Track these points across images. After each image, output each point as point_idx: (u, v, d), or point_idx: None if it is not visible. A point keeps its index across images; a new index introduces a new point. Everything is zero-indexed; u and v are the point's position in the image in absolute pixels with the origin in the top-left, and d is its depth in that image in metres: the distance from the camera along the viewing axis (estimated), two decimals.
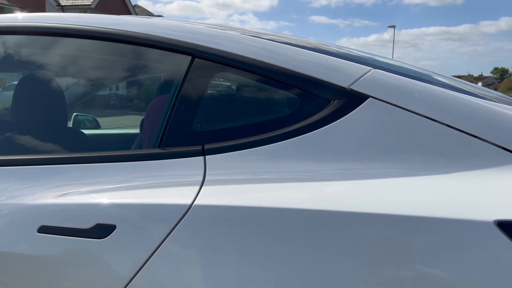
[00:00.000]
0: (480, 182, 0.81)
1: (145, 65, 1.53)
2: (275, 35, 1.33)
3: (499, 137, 0.84)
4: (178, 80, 1.09)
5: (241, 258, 0.85)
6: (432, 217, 0.77)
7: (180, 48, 1.09)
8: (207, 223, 0.88)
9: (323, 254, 0.81)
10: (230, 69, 1.05)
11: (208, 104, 1.10)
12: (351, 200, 0.83)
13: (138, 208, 0.93)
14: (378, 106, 0.91)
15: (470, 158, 0.84)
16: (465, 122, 0.87)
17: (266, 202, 0.86)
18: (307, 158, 0.91)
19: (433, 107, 0.89)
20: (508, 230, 0.72)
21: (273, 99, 1.08)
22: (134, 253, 0.91)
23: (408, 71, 1.23)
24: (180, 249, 0.89)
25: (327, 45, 1.39)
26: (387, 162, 0.87)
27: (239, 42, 1.09)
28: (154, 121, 1.16)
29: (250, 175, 0.92)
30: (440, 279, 0.75)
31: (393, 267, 0.77)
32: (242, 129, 1.01)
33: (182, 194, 0.91)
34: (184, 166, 0.97)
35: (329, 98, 0.95)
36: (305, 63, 1.01)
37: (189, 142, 1.02)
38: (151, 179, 0.97)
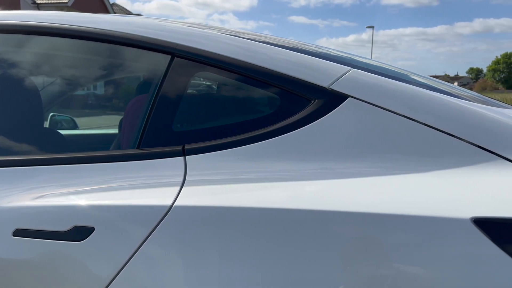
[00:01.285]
0: (457, 180, 0.82)
1: (123, 64, 1.51)
2: (255, 34, 1.33)
3: (475, 136, 0.86)
4: (157, 80, 1.07)
5: (222, 259, 0.85)
6: (410, 215, 0.78)
7: (159, 47, 1.08)
8: (187, 224, 0.87)
9: (305, 253, 0.81)
10: (210, 69, 1.04)
11: (188, 104, 1.09)
12: (330, 199, 0.83)
13: (117, 210, 0.92)
14: (358, 106, 0.92)
15: (447, 157, 0.85)
16: (442, 121, 0.88)
17: (247, 202, 0.86)
18: (287, 157, 0.91)
19: (411, 107, 0.90)
20: (485, 227, 0.74)
21: (253, 99, 1.08)
22: (113, 256, 0.89)
23: (386, 71, 1.24)
24: (160, 250, 0.88)
25: (306, 44, 1.39)
26: (366, 161, 0.88)
27: (219, 41, 1.08)
28: (133, 121, 1.15)
29: (231, 175, 0.92)
30: (419, 276, 0.76)
31: (373, 265, 0.78)
32: (223, 129, 1.01)
33: (162, 195, 0.90)
34: (164, 166, 0.96)
35: (309, 98, 0.95)
36: (285, 63, 1.01)
37: (169, 142, 1.01)
38: (130, 180, 0.96)
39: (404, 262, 0.77)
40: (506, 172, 0.81)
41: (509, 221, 0.74)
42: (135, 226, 0.90)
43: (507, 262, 0.72)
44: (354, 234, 0.80)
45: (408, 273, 0.77)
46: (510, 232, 0.74)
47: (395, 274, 0.77)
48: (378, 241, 0.79)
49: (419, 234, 0.77)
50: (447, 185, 0.82)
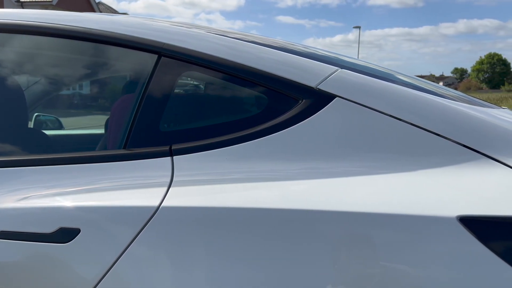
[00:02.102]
0: (443, 179, 0.83)
1: (109, 64, 1.50)
2: (242, 34, 1.33)
3: (460, 135, 0.87)
4: (144, 79, 1.07)
5: (210, 259, 0.84)
6: (397, 214, 0.78)
7: (146, 46, 1.07)
8: (175, 225, 0.86)
9: (293, 252, 0.81)
10: (197, 68, 1.04)
11: (176, 104, 1.09)
12: (318, 198, 0.84)
13: (103, 211, 0.91)
14: (345, 106, 0.92)
15: (433, 156, 0.86)
16: (428, 121, 0.89)
17: (235, 203, 0.86)
18: (275, 157, 0.91)
19: (397, 106, 0.91)
20: (471, 225, 0.74)
21: (241, 99, 1.08)
22: (100, 257, 0.88)
23: (373, 70, 1.25)
24: (148, 251, 0.87)
25: (293, 44, 1.39)
26: (353, 160, 0.88)
27: (206, 40, 1.07)
28: (119, 121, 1.13)
29: (219, 176, 0.92)
30: (406, 275, 0.77)
31: (361, 264, 0.78)
32: (210, 129, 1.00)
33: (149, 195, 0.90)
34: (151, 167, 0.95)
35: (297, 98, 0.95)
36: (272, 62, 1.01)
37: (156, 142, 1.00)
38: (117, 180, 0.95)
39: (392, 260, 0.78)
40: (491, 171, 0.82)
41: (494, 219, 0.75)
42: (122, 227, 0.89)
43: (492, 260, 0.73)
44: (341, 233, 0.80)
45: (395, 271, 0.77)
46: (495, 230, 0.75)
47: (382, 273, 0.78)
48: (365, 240, 0.79)
49: (406, 232, 0.78)
50: (433, 184, 0.83)
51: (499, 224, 0.75)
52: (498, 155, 0.84)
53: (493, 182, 0.81)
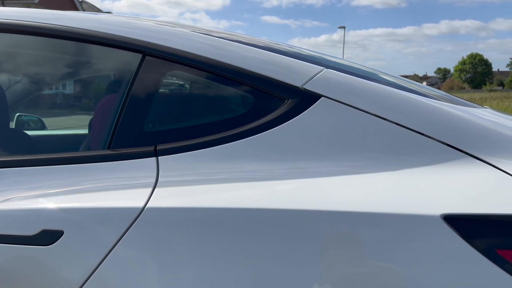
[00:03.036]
0: (428, 178, 0.84)
1: (93, 63, 1.48)
2: (227, 33, 1.32)
3: (444, 134, 0.88)
4: (128, 79, 1.05)
5: (196, 260, 0.84)
6: (382, 213, 0.79)
7: (130, 45, 1.06)
8: (160, 226, 0.86)
9: (279, 252, 0.81)
10: (182, 67, 1.03)
11: (160, 103, 1.08)
12: (304, 198, 0.84)
13: (87, 212, 0.90)
14: (330, 105, 0.92)
15: (417, 155, 0.87)
16: (412, 120, 0.89)
17: (220, 203, 0.85)
18: (261, 157, 0.91)
19: (382, 106, 0.92)
20: (454, 223, 0.75)
21: (226, 98, 1.07)
22: (83, 259, 0.87)
23: (358, 70, 1.26)
24: (133, 253, 0.86)
25: (279, 44, 1.39)
26: (339, 160, 0.89)
27: (191, 39, 1.07)
28: (103, 121, 1.12)
29: (204, 176, 0.91)
30: (392, 273, 0.77)
31: (346, 262, 0.79)
32: (196, 129, 0.99)
33: (134, 196, 0.89)
34: (135, 167, 0.94)
35: (283, 98, 0.95)
36: (258, 62, 1.00)
37: (141, 142, 0.99)
38: (101, 181, 0.94)
39: (377, 259, 0.78)
40: (473, 169, 0.83)
41: (476, 217, 0.76)
42: (106, 228, 0.88)
43: (475, 256, 0.74)
44: (328, 232, 0.81)
45: (382, 269, 0.78)
46: (477, 227, 0.76)
47: (369, 271, 0.78)
48: (351, 239, 0.79)
49: (391, 231, 0.78)
50: (418, 183, 0.84)
51: (482, 222, 0.76)
52: (481, 154, 0.85)
53: (477, 181, 0.82)
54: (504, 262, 0.73)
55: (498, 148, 0.86)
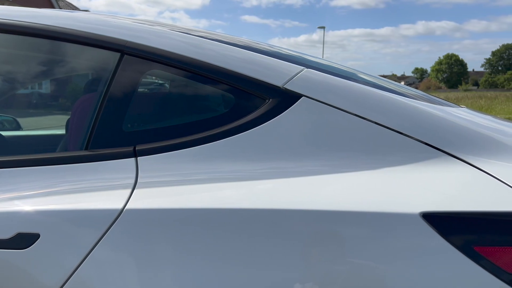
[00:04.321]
0: (406, 177, 0.85)
1: (70, 62, 1.45)
2: (207, 32, 1.31)
3: (421, 133, 0.89)
4: (106, 78, 1.04)
5: (175, 261, 0.83)
6: (362, 211, 0.80)
7: (108, 44, 1.04)
8: (140, 227, 0.85)
9: (259, 251, 0.81)
10: (161, 66, 1.02)
11: (139, 103, 1.06)
12: (284, 198, 0.84)
13: (64, 215, 0.88)
14: (311, 105, 0.93)
15: (396, 154, 0.88)
16: (391, 119, 0.91)
17: (200, 203, 0.85)
18: (241, 157, 0.91)
19: (362, 105, 0.93)
20: (433, 221, 0.77)
21: (206, 98, 1.07)
22: (61, 262, 0.85)
23: (338, 70, 1.26)
24: (112, 255, 0.85)
25: (259, 43, 1.39)
26: (319, 159, 0.89)
27: (170, 38, 1.06)
28: (81, 121, 1.10)
29: (184, 177, 0.90)
30: (372, 270, 0.78)
31: (326, 261, 0.79)
32: (176, 129, 0.98)
33: (112, 198, 0.87)
34: (114, 168, 0.93)
35: (264, 97, 0.95)
36: (238, 61, 1.00)
37: (120, 143, 0.97)
38: (78, 183, 0.92)
39: (357, 257, 0.79)
40: (451, 168, 0.85)
41: (454, 214, 0.77)
42: (84, 230, 0.86)
43: (452, 253, 0.75)
44: (307, 231, 0.81)
45: (361, 267, 0.78)
46: (455, 225, 0.77)
47: (349, 269, 0.79)
48: (331, 238, 0.80)
49: (371, 229, 0.79)
50: (396, 181, 0.85)
51: (459, 220, 0.77)
52: (458, 152, 0.86)
53: (454, 179, 0.84)
54: (480, 258, 0.74)
55: (474, 146, 0.88)
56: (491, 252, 0.75)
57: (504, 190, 0.79)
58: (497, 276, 0.74)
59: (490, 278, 0.74)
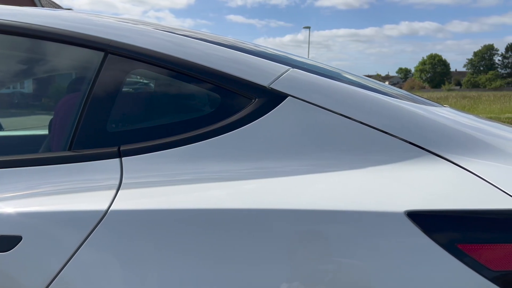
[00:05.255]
0: (391, 176, 0.86)
1: (53, 61, 1.42)
2: (191, 31, 1.30)
3: (406, 133, 0.90)
4: (90, 77, 1.02)
5: (162, 262, 0.83)
6: (347, 210, 0.80)
7: (91, 43, 1.03)
8: (125, 229, 0.84)
9: (244, 251, 0.81)
10: (146, 66, 1.01)
11: (124, 103, 1.05)
12: (269, 197, 0.84)
13: (47, 216, 0.86)
14: (297, 105, 0.93)
15: (380, 153, 0.89)
16: (376, 119, 0.91)
17: (186, 204, 0.84)
18: (227, 157, 0.91)
19: (347, 105, 0.93)
20: (417, 219, 0.77)
21: (192, 98, 1.06)
22: (44, 265, 0.84)
23: (324, 70, 1.27)
24: (96, 257, 0.84)
25: (244, 43, 1.39)
26: (304, 159, 0.89)
27: (154, 37, 1.05)
28: (64, 121, 1.08)
29: (169, 177, 0.90)
30: (358, 269, 0.79)
31: (312, 260, 0.79)
32: (161, 129, 0.98)
33: (97, 199, 0.86)
34: (98, 169, 0.92)
35: (250, 97, 0.95)
36: (224, 61, 1.00)
37: (104, 143, 0.96)
38: (62, 184, 0.91)
39: (343, 256, 0.79)
40: (435, 166, 0.86)
41: (438, 213, 0.78)
42: (68, 232, 0.85)
43: (436, 251, 0.76)
44: (293, 231, 0.81)
45: (347, 266, 0.79)
46: (439, 223, 0.78)
47: (335, 268, 0.79)
48: (316, 237, 0.80)
49: (357, 228, 0.79)
50: (381, 180, 0.85)
51: (443, 218, 0.78)
52: (442, 151, 0.87)
53: (438, 178, 0.85)
54: (464, 255, 0.75)
55: (458, 145, 0.89)
56: (474, 250, 0.76)
57: (486, 189, 0.81)
58: (480, 273, 0.75)
59: (473, 275, 0.75)
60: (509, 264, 0.76)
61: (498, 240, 0.77)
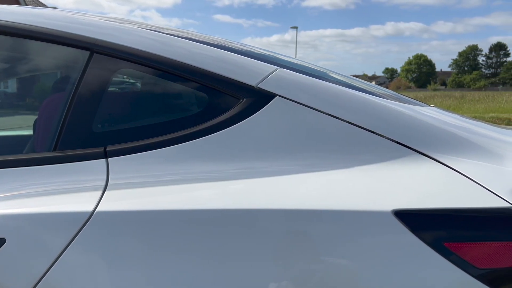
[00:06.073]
0: (378, 175, 0.86)
1: (37, 61, 1.40)
2: (178, 30, 1.30)
3: (393, 132, 0.90)
4: (75, 77, 1.01)
5: (149, 263, 0.82)
6: (335, 210, 0.80)
7: (77, 42, 1.01)
8: (111, 230, 0.83)
9: (232, 251, 0.80)
10: (132, 65, 1.00)
11: (110, 103, 1.04)
12: (255, 197, 0.84)
13: (32, 218, 0.85)
14: (285, 105, 0.93)
15: (368, 153, 0.89)
16: (363, 119, 0.92)
17: (172, 205, 0.84)
18: (214, 158, 0.90)
19: (335, 105, 0.93)
20: (405, 218, 0.78)
21: (178, 98, 1.05)
22: (29, 268, 0.83)
23: (311, 70, 1.27)
24: (83, 259, 0.83)
25: (232, 42, 1.39)
26: (292, 159, 0.89)
27: (141, 36, 1.04)
28: (49, 122, 1.07)
29: (156, 178, 0.89)
30: (346, 268, 0.79)
31: (300, 260, 0.79)
32: (147, 129, 0.97)
33: (83, 200, 0.85)
34: (84, 170, 0.90)
35: (237, 97, 0.95)
36: (211, 60, 0.99)
37: (89, 143, 0.95)
38: (47, 185, 0.89)
39: (331, 255, 0.79)
40: (421, 166, 0.87)
41: (425, 211, 0.79)
42: (53, 234, 0.84)
43: (424, 249, 0.77)
44: (280, 231, 0.81)
45: (335, 265, 0.79)
46: (426, 222, 0.79)
47: (323, 268, 0.79)
48: (304, 236, 0.80)
49: (345, 228, 0.80)
50: (369, 180, 0.86)
51: (430, 216, 0.79)
52: (428, 150, 0.88)
53: (424, 177, 0.85)
54: (450, 253, 0.76)
55: (443, 145, 0.90)
56: (460, 248, 0.77)
57: (471, 187, 0.81)
58: (466, 271, 0.76)
59: (459, 272, 0.76)
60: (495, 262, 0.77)
61: (484, 238, 0.78)
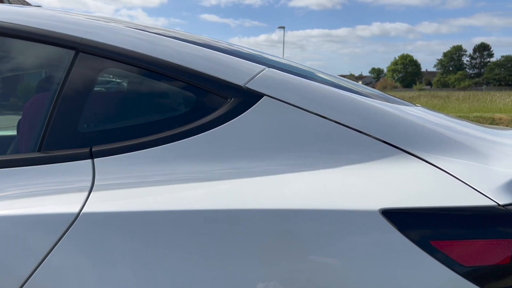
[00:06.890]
0: (365, 174, 0.87)
1: (21, 60, 1.38)
2: (165, 29, 1.29)
3: (380, 132, 0.91)
4: (60, 76, 1.00)
5: (136, 264, 0.81)
6: (322, 209, 0.80)
7: (62, 41, 1.00)
8: (98, 231, 0.82)
9: (220, 252, 0.80)
10: (118, 64, 0.99)
11: (96, 102, 1.03)
12: (242, 197, 0.84)
13: (15, 220, 0.83)
14: (272, 105, 0.93)
15: (355, 152, 0.90)
16: (350, 118, 0.92)
17: (159, 205, 0.83)
18: (201, 158, 0.90)
19: (322, 105, 0.93)
20: (392, 217, 0.79)
21: (165, 97, 1.04)
22: (13, 271, 0.81)
23: (299, 70, 1.27)
24: (68, 261, 0.82)
25: (219, 42, 1.38)
26: (280, 159, 0.89)
27: (126, 35, 1.03)
28: (33, 122, 1.05)
29: (142, 178, 0.88)
30: (334, 267, 0.79)
31: (287, 259, 0.79)
32: (134, 130, 0.96)
33: (68, 201, 0.84)
34: (69, 170, 0.89)
35: (225, 97, 0.94)
36: (199, 60, 0.99)
37: (75, 144, 0.94)
38: (31, 186, 0.88)
39: (318, 254, 0.80)
40: (408, 165, 0.87)
41: (411, 210, 0.80)
42: (38, 236, 0.83)
43: (410, 248, 0.77)
44: (267, 230, 0.81)
45: (323, 264, 0.79)
46: (413, 220, 0.79)
47: (311, 267, 0.79)
48: (291, 236, 0.80)
49: (332, 227, 0.80)
50: (356, 179, 0.86)
51: (417, 215, 0.79)
52: (414, 150, 0.89)
53: (411, 176, 0.86)
54: (436, 251, 0.77)
55: (429, 144, 0.91)
56: (447, 246, 0.77)
57: (457, 186, 0.82)
58: (452, 269, 0.77)
59: (446, 270, 0.77)
60: (480, 260, 0.78)
61: (470, 236, 0.79)
